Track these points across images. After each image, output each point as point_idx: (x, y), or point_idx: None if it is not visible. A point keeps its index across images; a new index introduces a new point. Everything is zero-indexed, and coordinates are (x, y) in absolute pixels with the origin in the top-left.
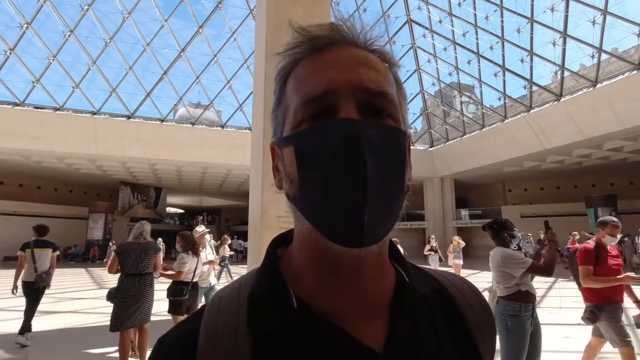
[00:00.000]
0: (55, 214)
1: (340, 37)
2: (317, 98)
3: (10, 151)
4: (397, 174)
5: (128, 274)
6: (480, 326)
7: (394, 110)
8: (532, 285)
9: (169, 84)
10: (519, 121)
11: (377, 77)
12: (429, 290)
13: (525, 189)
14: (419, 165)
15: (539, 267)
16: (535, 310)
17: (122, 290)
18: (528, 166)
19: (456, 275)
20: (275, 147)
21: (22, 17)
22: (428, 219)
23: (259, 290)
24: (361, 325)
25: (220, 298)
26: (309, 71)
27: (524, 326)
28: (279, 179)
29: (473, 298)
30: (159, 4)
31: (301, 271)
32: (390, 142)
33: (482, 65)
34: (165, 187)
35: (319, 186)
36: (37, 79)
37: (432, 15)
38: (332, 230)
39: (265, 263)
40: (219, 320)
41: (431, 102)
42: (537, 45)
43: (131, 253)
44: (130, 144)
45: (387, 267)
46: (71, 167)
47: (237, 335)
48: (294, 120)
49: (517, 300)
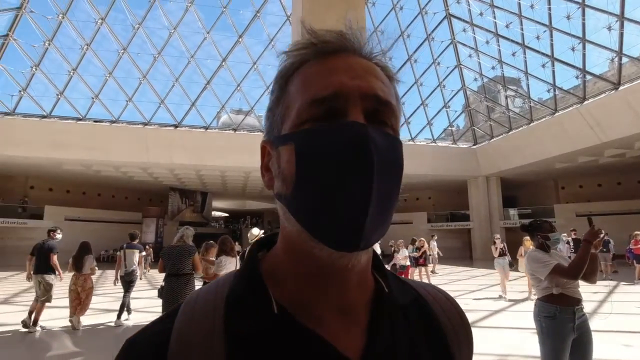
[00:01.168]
0: (113, 219)
1: (348, 44)
2: (326, 99)
3: (74, 162)
4: (396, 182)
5: (169, 274)
6: (457, 336)
7: (395, 122)
8: (571, 289)
9: (212, 92)
10: (572, 113)
11: (383, 87)
12: (408, 301)
13: (581, 185)
14: (462, 163)
15: (562, 270)
16: (582, 314)
17: (166, 289)
18: (583, 161)
19: (434, 287)
20: (268, 146)
21: (82, 39)
22: (473, 219)
23: (237, 291)
24: (339, 333)
25: (196, 298)
26: (317, 72)
27: (560, 329)
28: (269, 178)
29: (450, 308)
30: (202, 17)
31: (283, 275)
32: (392, 150)
33: (528, 56)
34: (210, 192)
35: (320, 186)
36: (95, 95)
37: (472, 8)
38: (326, 232)
39: (245, 265)
40: (193, 320)
41: (473, 98)
42: (589, 31)
43: (171, 256)
44: (178, 151)
45: (368, 277)
46: (126, 175)
47: (212, 336)
48: (296, 119)
49: (552, 302)
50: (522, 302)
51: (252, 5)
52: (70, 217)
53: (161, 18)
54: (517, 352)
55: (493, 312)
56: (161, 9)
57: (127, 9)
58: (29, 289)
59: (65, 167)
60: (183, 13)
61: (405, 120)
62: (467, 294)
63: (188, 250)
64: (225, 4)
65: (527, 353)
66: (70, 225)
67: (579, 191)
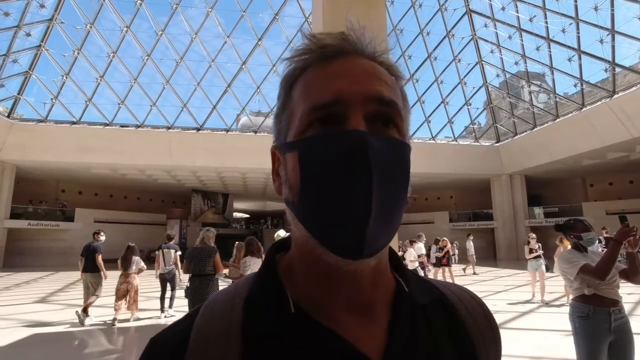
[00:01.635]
0: (138, 221)
1: (350, 46)
2: (325, 105)
3: (102, 165)
4: (400, 187)
5: (193, 275)
6: (483, 338)
7: (400, 122)
8: (606, 289)
9: (232, 95)
10: (600, 108)
11: (387, 89)
12: (430, 301)
13: (611, 183)
14: (485, 162)
15: (589, 270)
16: (620, 316)
17: (191, 289)
18: (612, 157)
19: (459, 286)
20: (277, 152)
21: (109, 47)
22: (497, 218)
23: (255, 293)
24: (358, 333)
25: (216, 298)
26: (318, 78)
27: (594, 329)
28: (279, 183)
29: (476, 309)
30: (222, 22)
31: (299, 277)
32: (395, 155)
33: (553, 50)
34: (231, 193)
35: (322, 195)
36: (122, 101)
37: (493, 3)
38: (331, 240)
39: (263, 267)
40: (212, 320)
41: (496, 94)
42: (619, 22)
43: (193, 257)
44: (200, 154)
45: (387, 276)
46: (150, 177)
47: (229, 336)
48: (299, 126)
49: (586, 302)
50: (554, 304)
51: (271, 7)
52: (99, 219)
53: (183, 24)
54: (550, 355)
55: (521, 313)
56: (183, 15)
57: (150, 17)
58: (63, 288)
59: (94, 170)
60: (204, 18)
61: (426, 118)
62: (493, 295)
63: (209, 251)
64: (244, 7)
65: (561, 355)
66: (101, 227)
67: (608, 188)
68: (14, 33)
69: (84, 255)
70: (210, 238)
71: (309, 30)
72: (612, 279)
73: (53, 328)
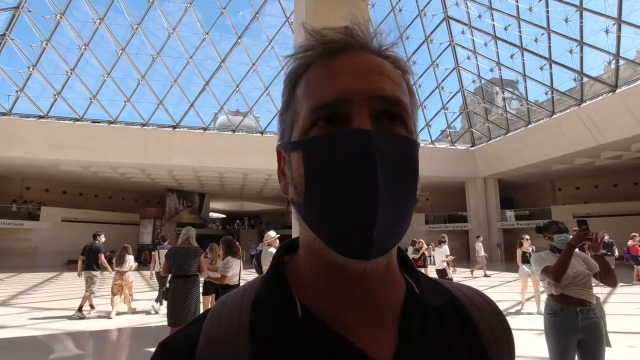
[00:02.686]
0: (110, 220)
1: (354, 41)
2: (329, 105)
3: (72, 163)
4: (408, 185)
5: (175, 275)
6: (496, 341)
7: (407, 119)
8: (575, 289)
9: (210, 93)
10: (569, 116)
11: (392, 85)
12: (441, 303)
13: (578, 187)
14: (460, 165)
15: (547, 271)
16: (589, 316)
17: (172, 290)
18: (580, 163)
19: (471, 288)
20: (282, 151)
21: (80, 39)
22: (471, 221)
23: (263, 296)
24: (368, 337)
25: (225, 302)
26: (321, 76)
27: (561, 325)
28: (285, 183)
29: (488, 311)
30: (200, 18)
31: (307, 279)
32: (402, 153)
33: (526, 59)
34: (208, 193)
35: (326, 196)
36: (93, 96)
37: (470, 11)
38: (337, 242)
39: (271, 269)
40: (220, 325)
41: (471, 99)
42: (587, 34)
43: (176, 257)
44: (176, 152)
45: (397, 278)
46: (124, 176)
47: (238, 340)
48: (303, 126)
49: (555, 300)
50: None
51: (252, 6)
52: (67, 218)
53: (160, 19)
54: (525, 354)
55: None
56: (160, 10)
57: (125, 10)
58: (26, 291)
59: (62, 167)
60: (182, 14)
61: None
62: None
63: (194, 251)
64: (224, 5)
65: (534, 354)
66: (69, 227)
67: (575, 193)
68: None
69: (85, 255)
70: (194, 237)
71: (311, 26)
72: (580, 280)
73: (16, 332)
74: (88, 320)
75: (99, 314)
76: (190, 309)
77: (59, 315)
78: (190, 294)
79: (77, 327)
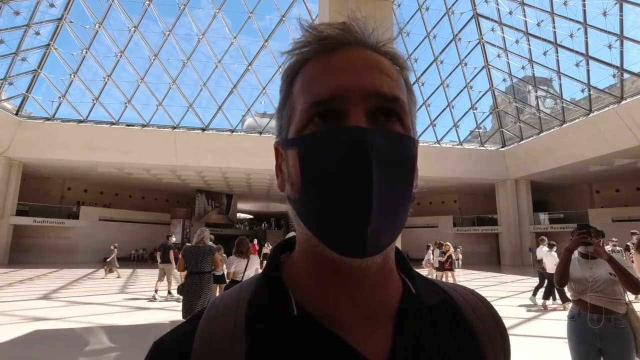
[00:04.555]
0: (143, 220)
1: (351, 37)
2: (325, 101)
3: (108, 164)
4: (404, 183)
5: (190, 272)
6: (490, 340)
7: (404, 116)
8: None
9: (238, 96)
10: (608, 114)
11: (389, 82)
12: (436, 302)
13: (617, 189)
14: (490, 166)
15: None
16: (611, 325)
17: (187, 286)
18: (620, 164)
19: (466, 288)
20: (280, 147)
21: (116, 46)
22: (501, 223)
23: (258, 294)
24: (362, 336)
25: (220, 301)
26: (317, 72)
27: (578, 329)
28: (281, 180)
29: (483, 310)
30: (228, 23)
31: (302, 277)
32: (398, 150)
33: (560, 55)
34: (235, 194)
35: (322, 193)
36: (128, 100)
37: (501, 7)
38: (332, 239)
39: (267, 268)
40: (216, 322)
41: (502, 99)
42: (627, 28)
43: (192, 255)
44: (205, 154)
45: (393, 277)
46: (155, 177)
47: (233, 338)
48: (299, 122)
49: (575, 304)
50: (559, 311)
51: (278, 10)
52: (104, 217)
53: (190, 25)
54: None
55: (525, 319)
56: (190, 16)
57: (158, 17)
58: (66, 285)
59: (100, 169)
60: (211, 19)
61: (431, 122)
62: (497, 300)
63: (210, 250)
64: (251, 9)
65: None
66: (105, 225)
67: (615, 195)
68: (23, 32)
69: (161, 251)
70: (207, 237)
71: (308, 22)
72: (598, 286)
73: (55, 324)
74: (122, 314)
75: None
76: (204, 304)
77: (95, 311)
78: (204, 290)
79: (111, 321)
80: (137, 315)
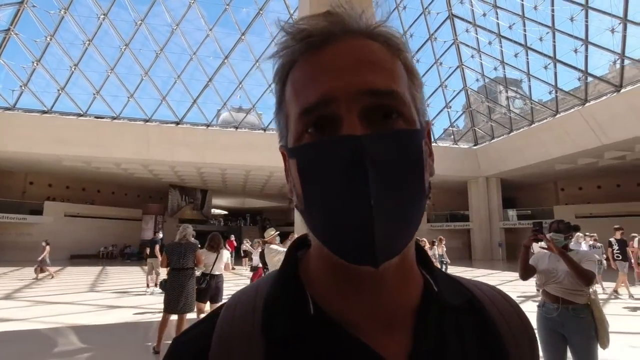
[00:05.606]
0: (113, 216)
1: (337, 28)
2: (316, 107)
3: (75, 158)
4: (411, 180)
5: (173, 268)
6: (516, 341)
7: (405, 109)
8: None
9: (213, 90)
10: (573, 115)
11: (382, 74)
12: (460, 302)
13: (580, 187)
14: (463, 164)
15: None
16: (570, 314)
17: (169, 281)
18: (583, 163)
19: (491, 287)
20: (284, 152)
21: (84, 34)
22: (473, 220)
23: (275, 294)
24: (381, 338)
25: (238, 299)
26: (304, 76)
27: (543, 317)
28: (290, 187)
29: (509, 311)
30: (204, 14)
31: (318, 277)
32: (399, 149)
33: (530, 58)
34: (210, 190)
35: (323, 207)
36: (97, 91)
37: (475, 9)
38: (341, 252)
39: (284, 265)
40: (234, 323)
41: (474, 98)
42: (592, 34)
43: (175, 252)
44: (179, 148)
45: (413, 275)
46: (126, 171)
47: (251, 340)
48: (295, 132)
49: (542, 295)
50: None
51: (255, 3)
52: (70, 213)
53: (163, 14)
54: None
55: None
56: (163, 5)
57: (129, 5)
58: (29, 285)
59: (66, 163)
60: (185, 10)
61: None
62: None
63: (192, 247)
64: (228, 1)
65: None
66: (72, 222)
67: (578, 193)
68: None
69: (149, 247)
70: (191, 234)
71: (289, 22)
72: (556, 279)
73: (19, 325)
74: (92, 314)
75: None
76: (186, 303)
77: (61, 310)
78: (186, 286)
79: (80, 321)
80: (108, 314)
